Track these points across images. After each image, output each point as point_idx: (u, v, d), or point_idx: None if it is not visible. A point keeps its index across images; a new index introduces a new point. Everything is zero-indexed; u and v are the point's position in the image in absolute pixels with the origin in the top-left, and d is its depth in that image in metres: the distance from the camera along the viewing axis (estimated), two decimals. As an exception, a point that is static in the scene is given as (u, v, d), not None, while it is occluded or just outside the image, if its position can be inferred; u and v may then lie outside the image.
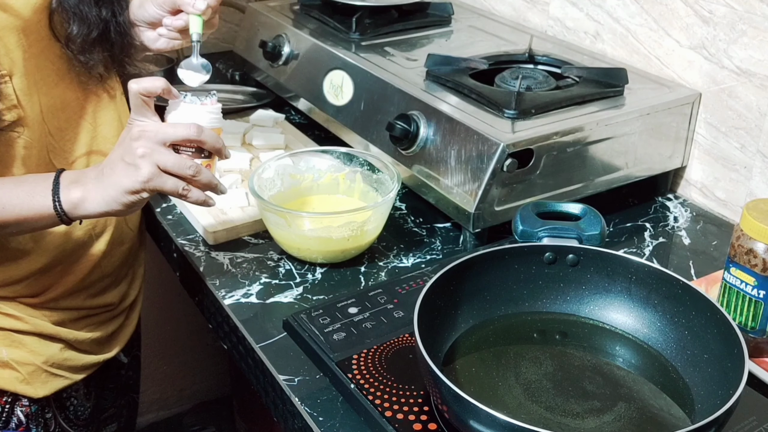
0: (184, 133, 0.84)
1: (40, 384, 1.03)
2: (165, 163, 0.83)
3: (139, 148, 0.82)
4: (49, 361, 1.03)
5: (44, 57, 0.94)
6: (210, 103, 0.88)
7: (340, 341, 0.88)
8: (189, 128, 0.84)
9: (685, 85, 1.22)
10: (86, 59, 0.97)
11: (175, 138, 0.84)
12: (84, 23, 0.95)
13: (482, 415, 0.66)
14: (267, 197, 1.07)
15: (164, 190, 0.85)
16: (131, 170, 0.83)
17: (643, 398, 0.79)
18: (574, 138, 1.09)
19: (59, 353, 1.04)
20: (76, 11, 0.94)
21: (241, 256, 1.08)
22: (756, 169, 1.14)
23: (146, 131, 0.83)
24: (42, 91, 0.94)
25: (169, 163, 0.83)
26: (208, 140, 0.86)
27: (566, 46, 1.37)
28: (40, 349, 1.02)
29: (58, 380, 1.05)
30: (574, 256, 0.89)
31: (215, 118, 0.89)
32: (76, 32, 0.95)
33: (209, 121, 0.88)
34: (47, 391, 1.03)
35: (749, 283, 0.85)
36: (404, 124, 1.11)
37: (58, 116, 0.97)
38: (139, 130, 0.83)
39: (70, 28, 0.95)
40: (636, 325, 0.88)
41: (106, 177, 0.85)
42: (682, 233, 1.16)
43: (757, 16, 1.10)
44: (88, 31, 0.96)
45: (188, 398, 2.10)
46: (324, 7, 1.48)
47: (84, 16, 0.95)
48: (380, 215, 1.05)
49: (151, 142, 0.83)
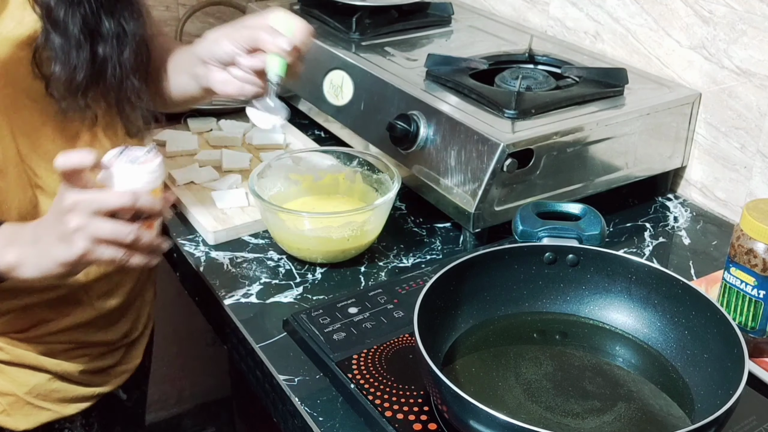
0: (119, 202, 0.77)
1: (22, 416, 0.97)
2: (101, 233, 0.77)
3: (72, 221, 0.76)
4: (34, 392, 0.97)
5: (24, 95, 0.86)
6: (149, 160, 0.80)
7: (340, 341, 0.88)
8: (123, 197, 0.77)
9: (685, 85, 1.22)
10: (68, 106, 0.88)
11: (110, 208, 0.77)
12: (67, 66, 0.85)
13: (482, 415, 0.66)
14: (267, 197, 1.07)
15: (102, 261, 0.79)
16: (65, 244, 0.77)
17: (643, 398, 0.79)
18: (574, 138, 1.09)
19: (46, 384, 0.97)
20: (59, 53, 0.85)
21: (241, 256, 1.08)
22: (756, 169, 1.14)
23: (79, 202, 0.76)
24: (22, 130, 0.87)
25: (105, 233, 0.77)
26: (145, 206, 0.79)
27: (566, 46, 1.37)
28: (23, 378, 0.96)
29: (42, 413, 0.98)
30: (574, 256, 0.89)
31: (154, 178, 0.81)
32: (58, 74, 0.85)
33: (147, 182, 0.80)
34: (29, 424, 0.97)
35: (749, 283, 0.85)
36: (404, 124, 1.11)
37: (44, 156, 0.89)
38: (72, 201, 0.76)
39: (52, 69, 0.85)
40: (636, 325, 0.88)
41: (41, 245, 0.79)
42: (682, 233, 1.16)
43: (757, 16, 1.10)
44: (71, 74, 0.86)
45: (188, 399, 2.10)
46: (324, 7, 1.48)
47: (68, 58, 0.85)
48: (380, 215, 1.05)
49: (84, 214, 0.76)
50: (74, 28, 0.85)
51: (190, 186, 1.21)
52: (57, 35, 0.84)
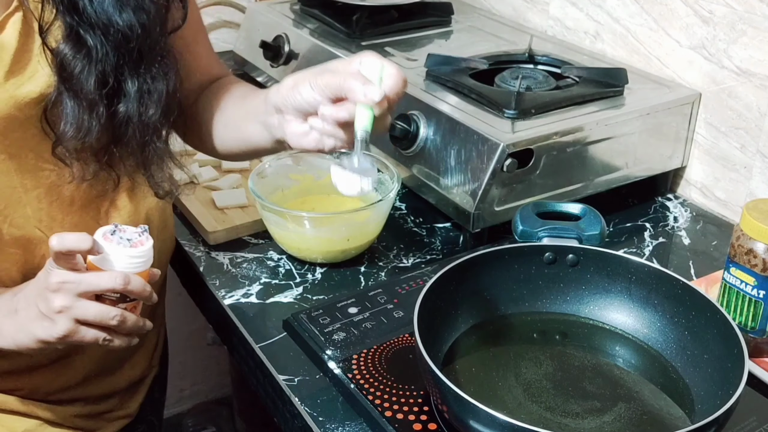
0: (110, 284, 0.75)
1: None
2: (86, 316, 0.75)
3: (56, 301, 0.73)
4: None
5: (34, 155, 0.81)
6: (141, 243, 0.78)
7: (340, 341, 0.88)
8: (114, 279, 0.75)
9: (685, 85, 1.22)
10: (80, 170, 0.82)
11: (99, 290, 0.75)
12: (78, 127, 0.79)
13: (482, 415, 0.66)
14: (267, 197, 1.07)
15: (83, 342, 0.77)
16: (46, 323, 0.75)
17: (643, 398, 0.79)
18: (574, 138, 1.09)
19: (37, 429, 0.93)
20: (69, 114, 0.78)
21: (241, 256, 1.08)
22: (756, 169, 1.14)
23: (66, 282, 0.73)
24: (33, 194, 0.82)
25: (90, 315, 0.75)
26: (135, 289, 0.76)
27: (566, 46, 1.37)
28: (11, 424, 0.91)
29: None
30: (574, 256, 0.89)
31: (145, 260, 0.78)
32: (69, 135, 0.79)
33: (138, 265, 0.78)
34: None
35: (749, 283, 0.85)
36: (404, 124, 1.11)
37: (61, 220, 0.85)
38: (59, 281, 0.73)
39: (62, 129, 0.79)
40: (636, 325, 0.88)
41: (20, 318, 0.77)
42: (682, 233, 1.16)
43: (757, 16, 1.10)
44: (83, 136, 0.79)
45: (188, 398, 2.10)
46: (324, 7, 1.48)
47: (80, 122, 0.79)
48: (380, 215, 1.05)
49: (70, 296, 0.74)
50: (89, 87, 0.78)
51: (190, 186, 1.20)
52: (69, 94, 0.78)
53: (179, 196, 0.99)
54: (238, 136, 0.94)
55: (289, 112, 0.83)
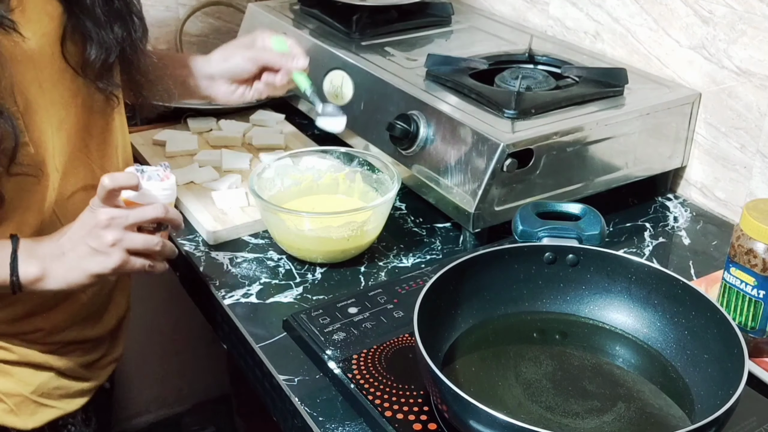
0: (154, 215, 0.86)
1: (28, 415, 0.99)
2: (135, 245, 0.85)
3: (109, 236, 0.83)
4: (39, 390, 0.99)
5: (56, 91, 0.90)
6: (167, 177, 0.89)
7: (340, 341, 0.88)
8: (157, 210, 0.86)
9: (685, 85, 1.22)
10: (105, 85, 0.93)
11: (145, 221, 0.86)
12: (102, 47, 0.91)
13: (482, 415, 0.66)
14: (267, 197, 1.07)
15: (133, 271, 0.87)
16: (101, 257, 0.84)
17: (643, 398, 0.79)
18: (574, 138, 1.09)
19: (49, 381, 1.01)
20: (94, 35, 0.90)
21: (241, 256, 1.08)
22: (756, 169, 1.14)
23: (115, 218, 0.83)
24: (54, 126, 0.90)
25: (138, 244, 0.85)
26: (173, 217, 0.88)
27: (566, 46, 1.37)
28: (29, 378, 0.99)
29: (48, 411, 1.01)
30: (574, 256, 0.89)
31: (172, 192, 0.90)
32: (95, 57, 0.90)
33: (168, 196, 0.89)
34: (36, 423, 1.00)
35: (749, 283, 0.85)
36: (404, 124, 1.11)
37: (63, 151, 0.93)
38: (108, 217, 0.83)
39: (87, 53, 0.90)
40: (636, 325, 0.88)
41: (70, 259, 0.84)
42: (682, 233, 1.16)
43: (757, 16, 1.10)
44: (106, 55, 0.91)
45: (187, 398, 2.09)
46: (324, 7, 1.48)
47: (102, 39, 0.91)
48: (380, 215, 1.05)
49: (120, 229, 0.83)
50: (99, 10, 0.90)
51: (190, 186, 1.21)
52: (87, 19, 0.89)
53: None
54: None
55: (221, 78, 1.13)
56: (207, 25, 1.76)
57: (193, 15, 1.67)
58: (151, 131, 1.36)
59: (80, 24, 0.89)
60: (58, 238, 0.86)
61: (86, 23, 0.89)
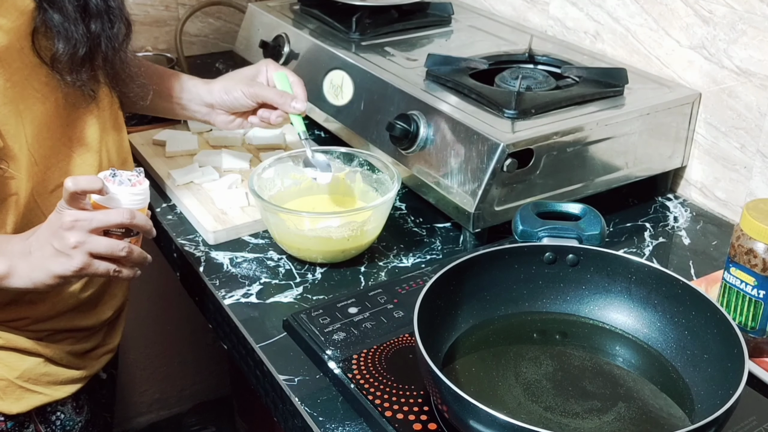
0: (118, 219, 0.85)
1: (14, 400, 1.00)
2: (98, 249, 0.84)
3: (72, 238, 0.82)
4: (25, 376, 1.00)
5: (28, 84, 0.90)
6: (139, 182, 0.88)
7: (340, 341, 0.88)
8: (122, 215, 0.85)
9: (685, 85, 1.22)
10: (74, 79, 0.92)
11: (109, 225, 0.85)
12: (70, 41, 0.90)
13: (482, 415, 0.66)
14: (267, 197, 1.07)
15: (96, 274, 0.86)
16: (63, 259, 0.83)
17: (643, 398, 0.79)
18: (574, 138, 1.09)
19: (36, 368, 1.01)
20: (61, 29, 0.89)
21: (241, 256, 1.08)
22: (756, 169, 1.14)
23: (79, 221, 0.83)
24: (27, 119, 0.90)
25: (102, 248, 0.84)
26: (140, 223, 0.87)
27: (566, 46, 1.37)
28: (16, 363, 0.99)
29: (34, 397, 1.02)
30: (574, 256, 0.89)
31: (143, 198, 0.89)
32: (62, 51, 0.90)
33: (138, 202, 0.88)
34: (21, 408, 1.01)
35: (749, 283, 0.85)
36: (404, 124, 1.11)
37: (43, 144, 0.93)
38: (72, 219, 0.83)
39: (55, 47, 0.90)
40: (636, 325, 0.88)
41: (35, 258, 0.85)
42: (682, 233, 1.16)
43: (757, 16, 1.10)
44: (74, 49, 0.91)
45: (188, 398, 2.10)
46: (324, 7, 1.48)
47: (69, 34, 0.90)
48: (380, 215, 1.05)
49: (83, 232, 0.83)
50: (68, 5, 0.90)
51: (190, 186, 1.21)
52: (55, 12, 0.89)
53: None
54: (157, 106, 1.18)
55: (220, 108, 1.15)
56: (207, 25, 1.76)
57: (193, 15, 1.67)
58: (151, 131, 1.36)
59: (48, 18, 0.89)
60: (27, 237, 0.86)
61: (54, 17, 0.89)
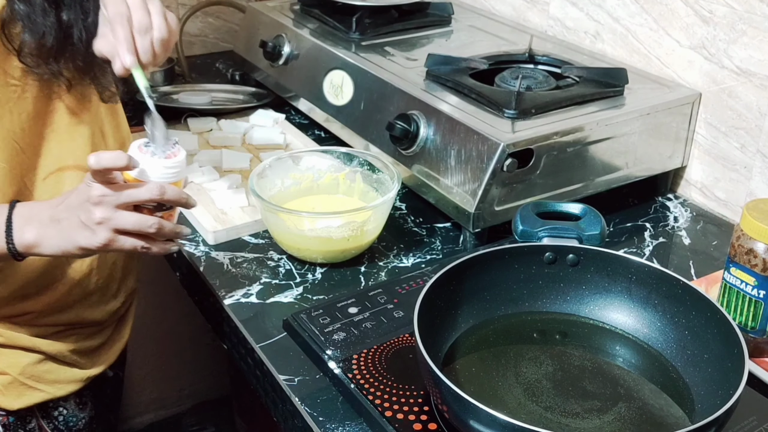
0: (147, 195, 0.82)
1: (15, 396, 0.99)
2: (125, 226, 0.82)
3: (97, 213, 0.80)
4: (26, 372, 0.99)
5: (3, 72, 0.88)
6: (174, 155, 0.84)
7: (340, 341, 0.88)
8: (151, 190, 0.82)
9: (685, 85, 1.22)
10: (42, 71, 0.89)
11: (137, 201, 0.82)
12: (35, 33, 0.87)
13: (482, 415, 0.66)
14: (267, 197, 1.07)
15: (122, 250, 0.84)
16: (88, 233, 0.82)
17: (643, 398, 0.79)
18: (574, 138, 1.09)
19: (38, 365, 1.00)
20: (26, 21, 0.86)
21: (241, 256, 1.08)
22: (756, 169, 1.14)
23: (106, 196, 0.80)
24: (6, 107, 0.89)
25: (129, 225, 0.82)
26: (172, 197, 0.83)
27: (566, 46, 1.37)
28: (17, 359, 0.98)
29: (35, 394, 1.01)
30: (574, 256, 0.89)
31: (178, 171, 0.85)
32: (27, 41, 0.87)
33: (172, 175, 0.84)
34: (22, 404, 1.00)
35: (749, 283, 0.85)
36: (404, 124, 1.11)
37: (29, 131, 0.91)
38: (100, 194, 0.80)
39: (21, 39, 0.87)
40: (636, 325, 0.88)
41: (62, 227, 0.83)
42: (682, 233, 1.16)
43: (757, 16, 1.10)
44: (41, 40, 0.87)
45: (188, 398, 2.10)
46: (324, 7, 1.48)
47: (35, 25, 0.87)
48: (380, 215, 1.05)
49: (110, 208, 0.81)
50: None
51: (190, 186, 1.21)
52: (21, 3, 0.86)
53: None
54: None
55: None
56: (207, 25, 1.76)
57: (193, 15, 1.67)
58: (151, 131, 1.36)
59: (15, 8, 0.86)
60: (57, 204, 0.84)
61: (20, 7, 0.86)
